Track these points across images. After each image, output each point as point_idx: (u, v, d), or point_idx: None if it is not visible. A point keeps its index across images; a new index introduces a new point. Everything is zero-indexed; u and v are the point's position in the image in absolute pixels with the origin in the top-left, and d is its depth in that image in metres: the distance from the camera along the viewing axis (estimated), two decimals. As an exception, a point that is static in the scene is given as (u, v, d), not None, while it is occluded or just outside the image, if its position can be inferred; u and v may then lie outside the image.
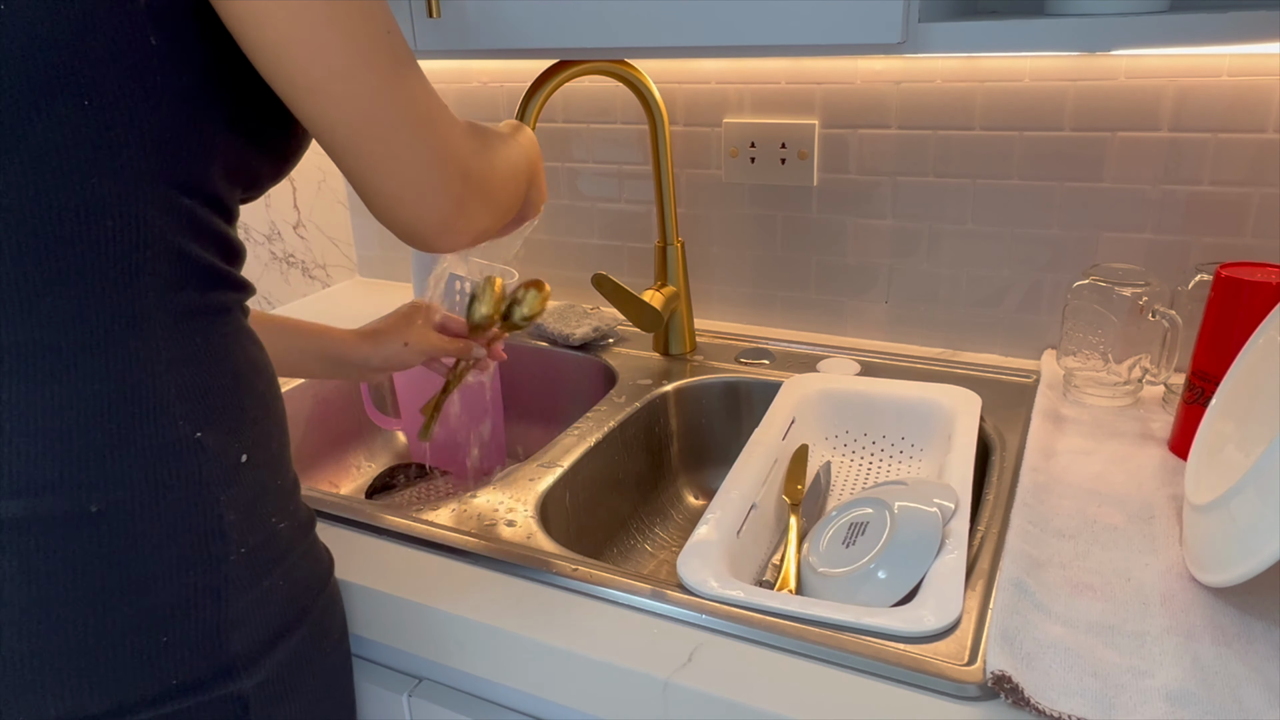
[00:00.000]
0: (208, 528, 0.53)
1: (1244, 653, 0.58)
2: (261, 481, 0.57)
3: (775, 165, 1.11)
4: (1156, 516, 0.73)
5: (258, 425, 0.57)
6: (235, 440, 0.55)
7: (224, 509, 0.54)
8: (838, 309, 1.15)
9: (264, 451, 0.57)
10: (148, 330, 0.51)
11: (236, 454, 0.55)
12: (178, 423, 0.52)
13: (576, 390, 1.16)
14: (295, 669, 0.58)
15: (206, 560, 0.53)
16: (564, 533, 0.86)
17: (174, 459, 0.52)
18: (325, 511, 0.80)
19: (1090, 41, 0.68)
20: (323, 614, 0.62)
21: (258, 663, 0.55)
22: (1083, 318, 0.91)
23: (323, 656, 0.62)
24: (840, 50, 0.74)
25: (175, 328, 0.52)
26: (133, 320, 0.50)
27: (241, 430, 0.55)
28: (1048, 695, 0.55)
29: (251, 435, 0.56)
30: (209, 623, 0.53)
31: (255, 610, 0.55)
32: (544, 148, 1.24)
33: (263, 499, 0.57)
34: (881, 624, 0.61)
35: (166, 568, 0.51)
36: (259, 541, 0.56)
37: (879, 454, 0.95)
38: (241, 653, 0.54)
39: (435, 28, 0.86)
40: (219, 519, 0.53)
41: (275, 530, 0.58)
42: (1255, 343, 0.73)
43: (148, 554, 0.51)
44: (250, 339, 0.58)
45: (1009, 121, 0.98)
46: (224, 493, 0.54)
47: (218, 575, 0.53)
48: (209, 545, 0.53)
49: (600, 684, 0.62)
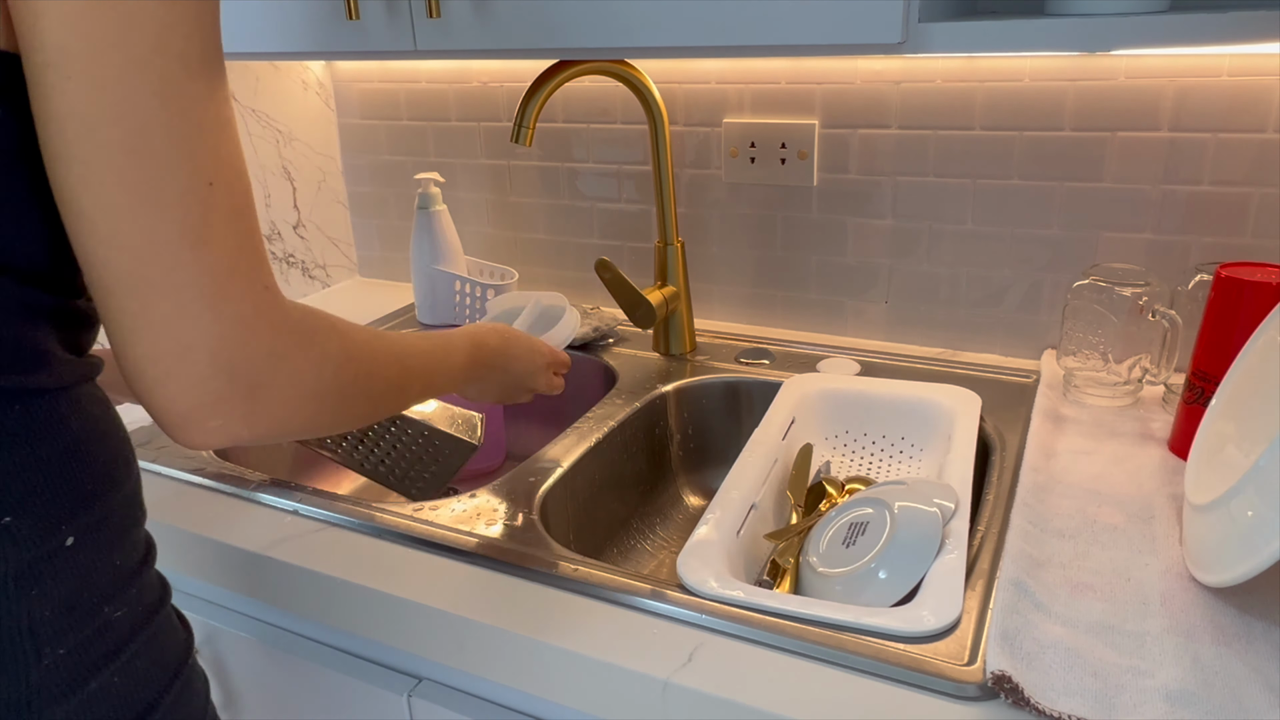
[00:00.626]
0: (10, 631, 0.44)
1: (1244, 653, 0.58)
2: (91, 566, 0.48)
3: (775, 165, 1.11)
4: (1156, 516, 0.73)
5: (94, 502, 0.48)
6: (58, 522, 0.46)
7: (34, 605, 0.45)
8: (838, 309, 1.15)
9: (99, 531, 0.49)
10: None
11: (59, 538, 0.46)
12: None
13: (576, 390, 1.16)
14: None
15: (9, 670, 0.45)
16: (564, 533, 0.86)
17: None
18: (325, 512, 0.80)
19: (1090, 41, 0.68)
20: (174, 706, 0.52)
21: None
22: (1083, 318, 0.91)
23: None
24: (840, 50, 0.74)
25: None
26: None
27: (70, 511, 0.47)
28: (1048, 695, 0.55)
29: (85, 515, 0.48)
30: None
31: (80, 717, 0.47)
32: (544, 148, 1.24)
33: (91, 588, 0.48)
34: (881, 624, 0.61)
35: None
36: (84, 638, 0.47)
37: (879, 454, 0.95)
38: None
39: (435, 28, 0.86)
40: (26, 618, 0.45)
41: (108, 621, 0.49)
42: (1255, 343, 0.73)
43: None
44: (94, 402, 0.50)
45: (1009, 121, 0.98)
46: (36, 586, 0.45)
47: (24, 685, 0.45)
48: (12, 652, 0.45)
49: (600, 684, 0.62)
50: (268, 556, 0.75)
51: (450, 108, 1.29)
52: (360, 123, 1.37)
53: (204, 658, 0.86)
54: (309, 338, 0.49)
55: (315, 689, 0.79)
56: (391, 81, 1.32)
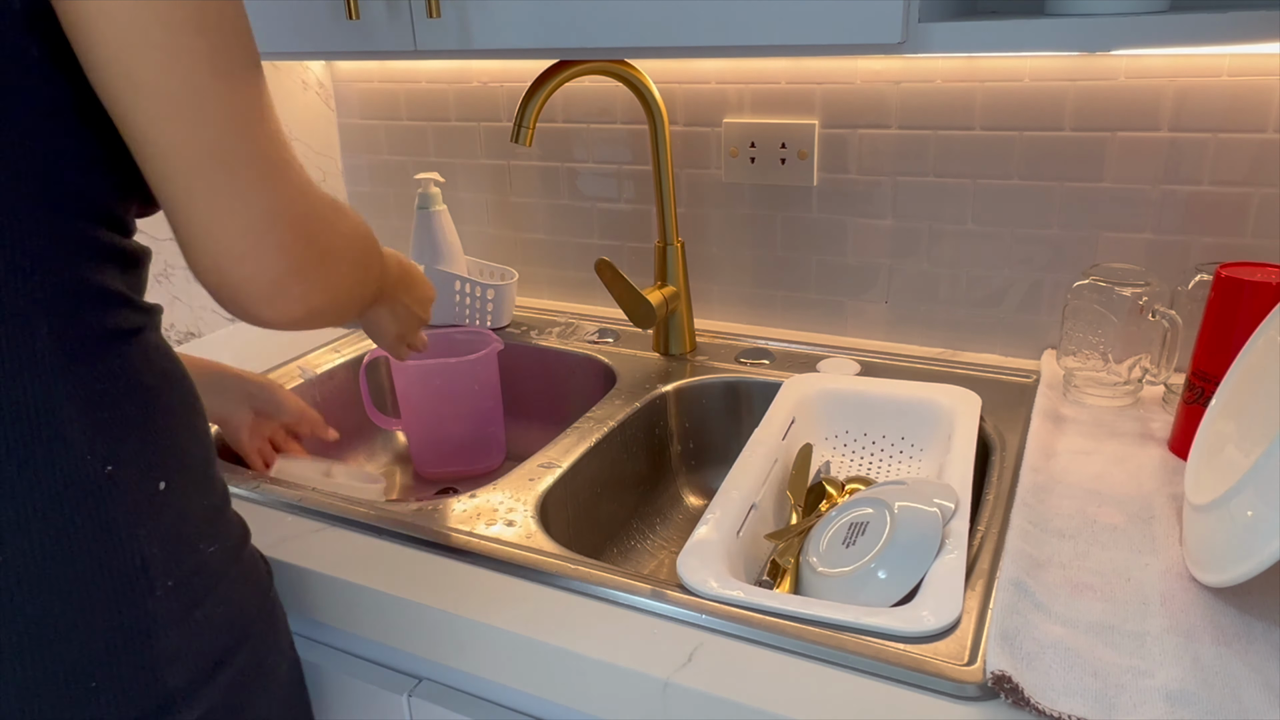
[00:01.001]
0: (127, 566, 0.49)
1: (1244, 653, 0.58)
2: (184, 507, 0.53)
3: (775, 165, 1.11)
4: (1156, 516, 0.73)
5: (175, 447, 0.53)
6: (151, 468, 0.51)
7: (143, 544, 0.50)
8: (838, 309, 1.15)
9: (185, 474, 0.54)
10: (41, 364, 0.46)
11: (153, 482, 0.51)
12: (84, 458, 0.48)
13: (576, 390, 1.16)
14: (240, 692, 0.56)
15: (129, 600, 0.50)
16: (564, 533, 0.86)
17: (82, 498, 0.48)
18: (325, 512, 0.80)
19: (1090, 41, 0.68)
20: (265, 631, 0.59)
21: (198, 694, 0.53)
22: (1083, 318, 0.91)
23: (268, 674, 0.59)
24: (840, 50, 0.74)
25: (72, 358, 0.48)
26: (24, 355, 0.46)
27: (157, 456, 0.52)
28: (1048, 695, 0.55)
29: (169, 459, 0.52)
30: (140, 662, 0.50)
31: (190, 641, 0.52)
32: (544, 148, 1.24)
33: (187, 525, 0.53)
34: (881, 624, 0.61)
35: (86, 614, 0.48)
36: (187, 571, 0.53)
37: (879, 454, 0.95)
38: (180, 686, 0.52)
39: (435, 28, 0.86)
40: (139, 555, 0.50)
41: (205, 556, 0.54)
42: (1255, 343, 0.73)
43: (63, 601, 0.48)
44: (161, 354, 0.54)
45: (1009, 121, 0.98)
46: (142, 527, 0.50)
47: (144, 613, 0.50)
48: (131, 584, 0.50)
49: (600, 684, 0.62)
50: (268, 557, 0.75)
51: (450, 108, 1.29)
52: (360, 123, 1.37)
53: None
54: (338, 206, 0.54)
55: (315, 689, 0.79)
56: (391, 81, 1.32)
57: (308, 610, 0.75)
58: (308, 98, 1.34)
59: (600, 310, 1.29)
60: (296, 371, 1.12)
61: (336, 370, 1.15)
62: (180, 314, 1.23)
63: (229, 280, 0.48)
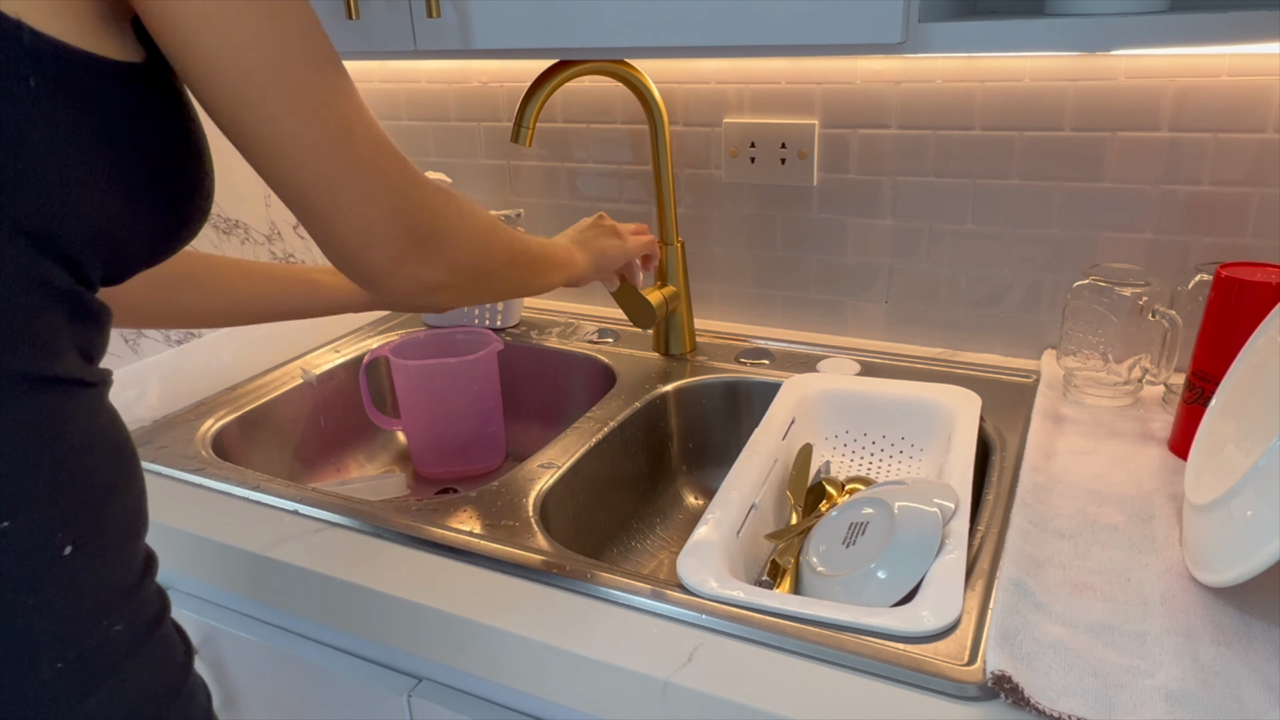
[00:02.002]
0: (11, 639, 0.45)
1: (1244, 653, 0.58)
2: (91, 579, 0.48)
3: (775, 165, 1.11)
4: (1156, 516, 0.73)
5: (92, 513, 0.48)
6: (56, 530, 0.46)
7: (31, 615, 0.45)
8: (838, 309, 1.15)
9: (97, 541, 0.48)
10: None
11: (58, 545, 0.46)
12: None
13: (576, 390, 1.16)
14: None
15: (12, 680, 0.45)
16: (564, 533, 0.86)
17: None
18: (325, 512, 0.80)
19: (1090, 41, 0.68)
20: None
21: None
22: (1083, 318, 0.91)
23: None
24: (840, 50, 0.74)
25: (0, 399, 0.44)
26: None
27: (69, 517, 0.47)
28: (1048, 695, 0.55)
29: (82, 525, 0.47)
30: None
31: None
32: (544, 148, 1.24)
33: (91, 599, 0.48)
34: (881, 624, 0.61)
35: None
36: (83, 652, 0.47)
37: (879, 454, 0.95)
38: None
39: (435, 28, 0.86)
40: (25, 629, 0.45)
41: (107, 636, 0.49)
42: (1255, 343, 0.73)
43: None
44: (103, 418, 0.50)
45: (1009, 121, 0.98)
46: (33, 595, 0.45)
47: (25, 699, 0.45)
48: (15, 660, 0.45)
49: (600, 684, 0.62)
50: (268, 556, 0.75)
51: (450, 108, 1.29)
52: (360, 123, 1.37)
53: (204, 658, 0.86)
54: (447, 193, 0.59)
55: (315, 689, 0.79)
56: (391, 81, 1.32)
57: (307, 610, 0.75)
58: (308, 98, 1.34)
59: (600, 310, 1.29)
60: (298, 372, 1.12)
61: (336, 370, 1.15)
62: (180, 314, 1.22)
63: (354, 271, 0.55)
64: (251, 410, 1.03)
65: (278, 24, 0.48)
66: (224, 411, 1.01)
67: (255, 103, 0.48)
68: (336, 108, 0.51)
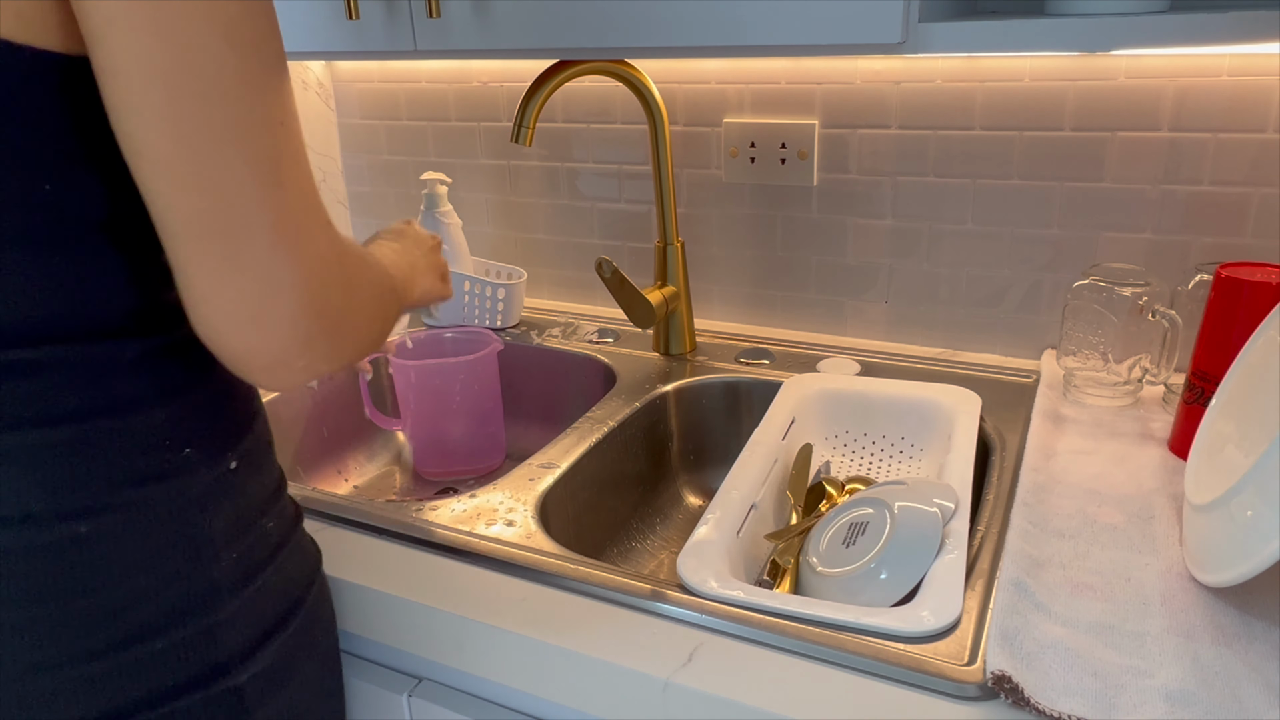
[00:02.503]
0: (197, 538, 0.53)
1: (1244, 653, 0.58)
2: (250, 485, 0.57)
3: (775, 165, 1.11)
4: (1156, 516, 0.73)
5: (245, 430, 0.58)
6: (224, 449, 0.55)
7: (213, 518, 0.54)
8: (838, 309, 1.15)
9: (252, 454, 0.58)
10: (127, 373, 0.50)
11: (226, 462, 0.55)
12: (164, 444, 0.52)
13: (576, 390, 1.16)
14: (289, 658, 0.59)
15: (197, 569, 0.53)
16: (564, 533, 0.86)
17: (163, 480, 0.52)
18: (325, 511, 0.80)
19: (1090, 41, 0.68)
20: (314, 603, 0.63)
21: (252, 657, 0.56)
22: (1083, 318, 0.91)
23: (314, 643, 0.63)
24: (840, 50, 0.74)
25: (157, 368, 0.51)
26: (109, 368, 0.49)
27: (229, 439, 0.56)
28: (1048, 695, 0.55)
29: (240, 441, 0.57)
30: (202, 626, 0.54)
31: (248, 609, 0.56)
32: (544, 148, 1.24)
33: (251, 502, 0.58)
34: (881, 624, 0.61)
35: (158, 582, 0.52)
36: (249, 544, 0.57)
37: (879, 454, 0.95)
38: (236, 650, 0.55)
39: (435, 28, 0.86)
40: (208, 528, 0.54)
41: (265, 530, 0.58)
42: (1255, 343, 0.73)
43: (138, 572, 0.51)
44: None
45: (1009, 121, 0.98)
46: (213, 503, 0.54)
47: (209, 581, 0.54)
48: (199, 555, 0.53)
49: (600, 684, 0.62)
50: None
51: (450, 108, 1.29)
52: (360, 123, 1.37)
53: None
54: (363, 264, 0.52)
55: (315, 689, 0.80)
56: (391, 81, 1.32)
57: (308, 610, 0.75)
58: (308, 98, 1.34)
59: (600, 310, 1.29)
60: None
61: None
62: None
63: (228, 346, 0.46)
64: (251, 410, 1.03)
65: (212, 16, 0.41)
66: (224, 411, 1.01)
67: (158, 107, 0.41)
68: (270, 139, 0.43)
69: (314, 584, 0.64)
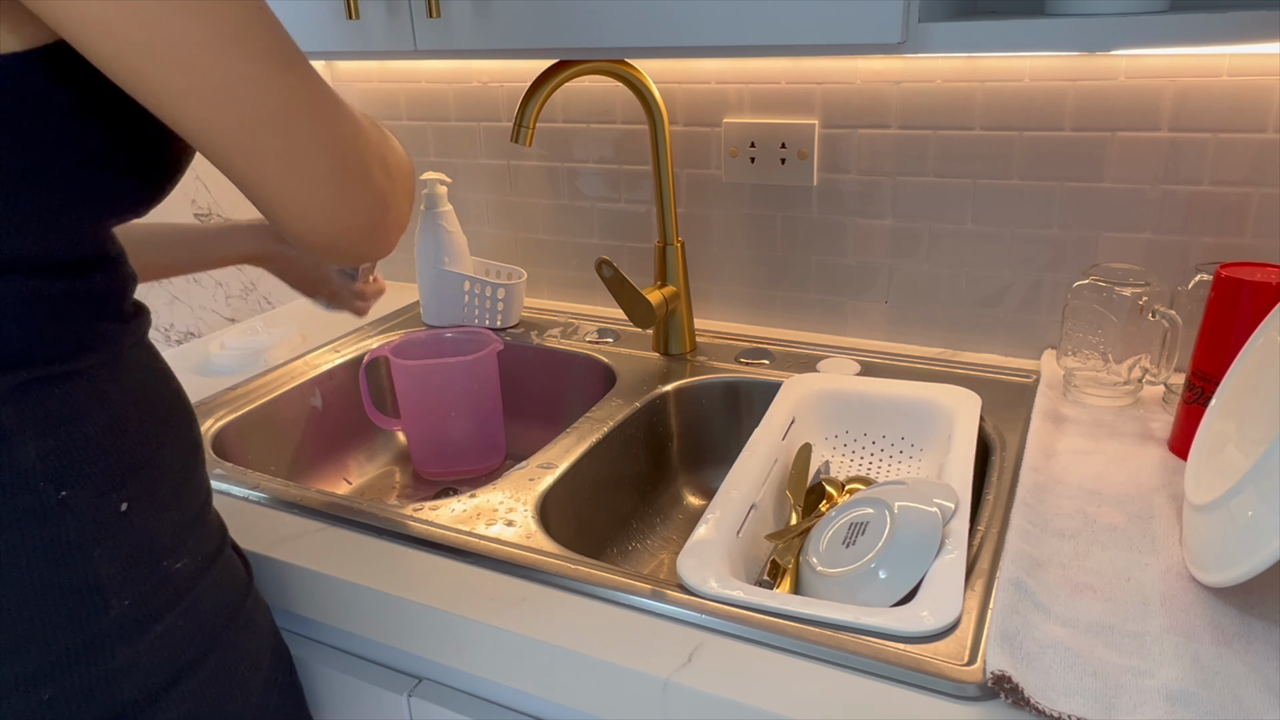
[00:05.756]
0: (78, 587, 0.50)
1: (1244, 653, 0.58)
2: (148, 525, 0.53)
3: (775, 165, 1.11)
4: (1156, 516, 0.73)
5: (144, 467, 0.53)
6: (112, 490, 0.51)
7: (97, 564, 0.50)
8: (838, 309, 1.15)
9: (151, 494, 0.54)
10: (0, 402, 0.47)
11: (113, 505, 0.51)
12: (36, 486, 0.48)
13: (576, 390, 1.16)
14: (210, 697, 0.56)
15: (82, 619, 0.50)
16: (564, 533, 0.86)
17: (35, 524, 0.48)
18: (325, 511, 0.80)
19: (1090, 41, 0.68)
20: (238, 637, 0.59)
21: (159, 702, 0.53)
22: (1083, 318, 0.91)
23: (239, 679, 0.59)
24: (840, 50, 0.74)
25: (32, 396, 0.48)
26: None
27: (120, 479, 0.52)
28: (1048, 695, 0.55)
29: (135, 481, 0.53)
30: (93, 676, 0.50)
31: (150, 654, 0.53)
32: (544, 148, 1.25)
33: (151, 544, 0.53)
34: (881, 624, 0.61)
35: (34, 633, 0.49)
36: (148, 589, 0.53)
37: (879, 454, 0.95)
38: (136, 699, 0.52)
39: (435, 28, 0.86)
40: (91, 576, 0.50)
41: (169, 573, 0.54)
42: (1255, 343, 0.73)
43: (17, 618, 0.48)
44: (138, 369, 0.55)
45: (1009, 121, 0.98)
46: (97, 548, 0.50)
47: (95, 632, 0.51)
48: (81, 605, 0.50)
49: (600, 684, 0.62)
50: (268, 556, 0.75)
51: (450, 108, 1.29)
52: (360, 123, 1.37)
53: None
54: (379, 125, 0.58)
55: (315, 688, 0.79)
56: (391, 81, 1.32)
57: (307, 610, 0.75)
58: (308, 98, 1.34)
59: (600, 310, 1.29)
60: (298, 372, 1.11)
61: (336, 370, 1.15)
62: (180, 314, 1.23)
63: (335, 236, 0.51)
64: (251, 410, 1.03)
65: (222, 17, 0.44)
66: (224, 411, 1.01)
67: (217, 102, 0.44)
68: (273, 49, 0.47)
69: (236, 617, 0.59)
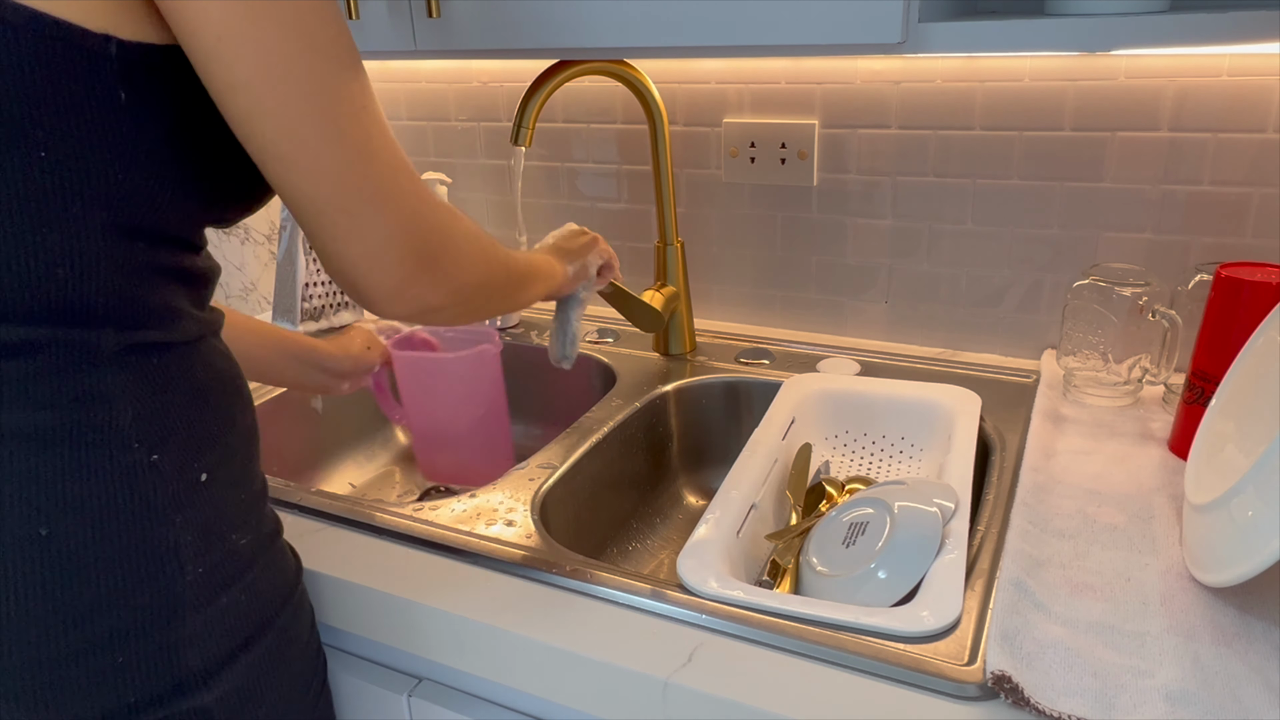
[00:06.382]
0: (161, 550, 0.53)
1: (1244, 653, 0.58)
2: (221, 499, 0.57)
3: (775, 165, 1.11)
4: (1156, 516, 0.73)
5: (219, 442, 0.57)
6: (194, 460, 0.55)
7: (179, 530, 0.53)
8: (838, 309, 1.15)
9: (226, 468, 0.57)
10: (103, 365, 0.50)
11: (195, 473, 0.55)
12: (132, 446, 0.51)
13: (576, 390, 1.16)
14: (260, 677, 0.58)
15: (160, 582, 0.53)
16: (564, 533, 0.86)
17: (127, 483, 0.51)
18: (325, 511, 0.80)
19: (1090, 41, 0.68)
20: (288, 622, 0.62)
21: (217, 675, 0.55)
22: (1083, 318, 0.91)
23: (288, 663, 0.62)
24: (840, 50, 0.74)
25: (133, 361, 0.52)
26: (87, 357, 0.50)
27: (201, 449, 0.55)
28: (1048, 695, 0.55)
29: (212, 453, 0.56)
30: (164, 641, 0.53)
31: (213, 626, 0.55)
32: (544, 148, 1.24)
33: (222, 517, 0.57)
34: (881, 624, 0.61)
35: (118, 591, 0.51)
36: (217, 560, 0.56)
37: (879, 454, 0.95)
38: (199, 668, 0.54)
39: (435, 28, 0.86)
40: (173, 541, 0.53)
41: (235, 547, 0.57)
42: (1255, 343, 0.73)
43: (98, 578, 0.50)
44: (216, 354, 0.58)
45: (1009, 121, 0.98)
46: (179, 514, 0.53)
47: (172, 596, 0.53)
48: (162, 567, 0.53)
49: (600, 684, 0.62)
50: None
51: (450, 108, 1.29)
52: (360, 123, 1.37)
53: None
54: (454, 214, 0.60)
55: (315, 689, 0.80)
56: (391, 81, 1.32)
57: (308, 610, 0.75)
58: (308, 98, 1.34)
59: (600, 310, 1.29)
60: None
61: (336, 370, 1.15)
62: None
63: (358, 290, 0.55)
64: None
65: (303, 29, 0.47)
66: (224, 411, 1.01)
67: (274, 112, 0.48)
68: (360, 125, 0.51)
69: (288, 602, 0.62)
